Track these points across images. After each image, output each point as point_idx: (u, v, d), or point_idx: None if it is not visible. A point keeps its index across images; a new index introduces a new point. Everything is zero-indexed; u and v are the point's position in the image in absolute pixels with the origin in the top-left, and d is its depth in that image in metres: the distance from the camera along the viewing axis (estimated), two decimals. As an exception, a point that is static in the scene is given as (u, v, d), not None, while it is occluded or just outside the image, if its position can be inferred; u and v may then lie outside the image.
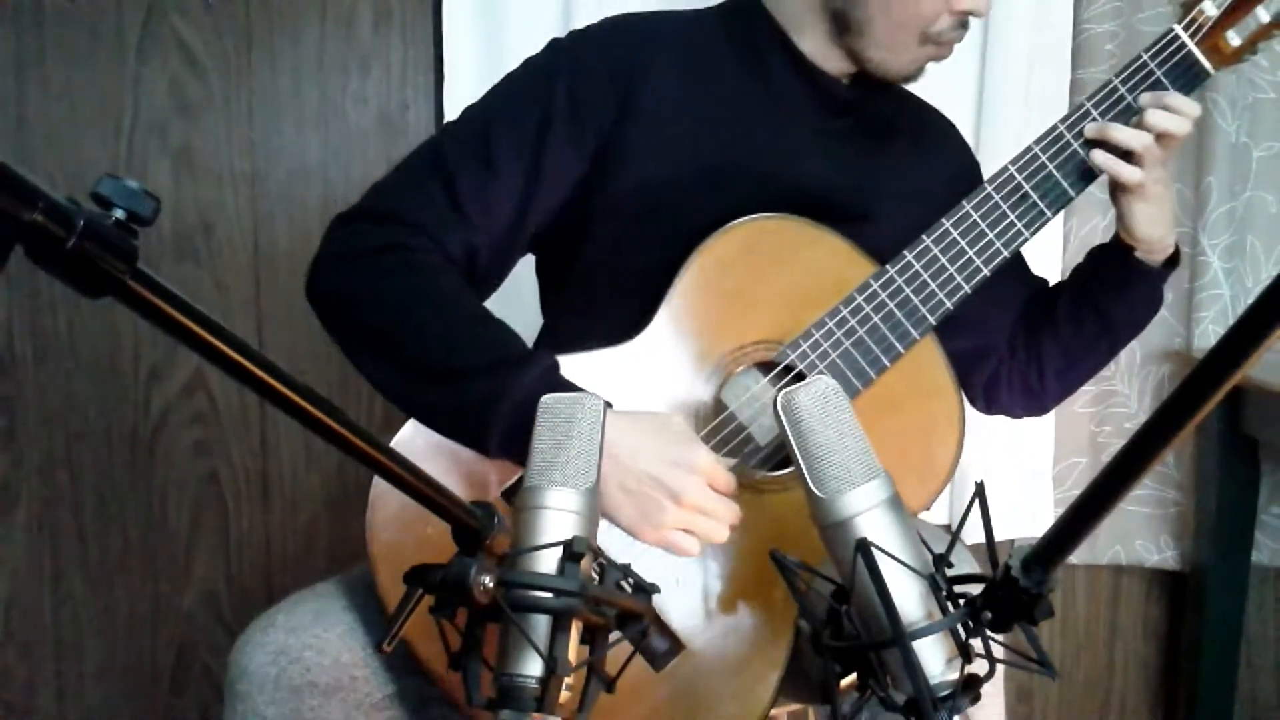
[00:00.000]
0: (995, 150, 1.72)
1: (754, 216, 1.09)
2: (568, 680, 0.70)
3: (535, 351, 1.03)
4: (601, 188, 1.11)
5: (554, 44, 1.14)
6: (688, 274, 1.08)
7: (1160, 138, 1.08)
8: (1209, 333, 1.80)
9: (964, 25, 1.12)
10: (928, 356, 1.12)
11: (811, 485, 0.73)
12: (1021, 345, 1.28)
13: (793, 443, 0.74)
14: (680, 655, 1.05)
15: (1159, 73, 1.10)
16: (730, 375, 1.09)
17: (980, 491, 0.72)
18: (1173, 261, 1.22)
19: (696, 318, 1.08)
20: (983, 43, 1.77)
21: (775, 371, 1.10)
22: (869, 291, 1.09)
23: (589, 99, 1.09)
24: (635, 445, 0.97)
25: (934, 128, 1.31)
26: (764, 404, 1.10)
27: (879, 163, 1.20)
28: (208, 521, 1.85)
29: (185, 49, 1.76)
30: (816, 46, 1.15)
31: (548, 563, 0.70)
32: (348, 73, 1.80)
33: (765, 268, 1.09)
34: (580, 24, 1.26)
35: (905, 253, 1.10)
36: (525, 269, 1.24)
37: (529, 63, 1.14)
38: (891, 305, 1.09)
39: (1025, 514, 1.83)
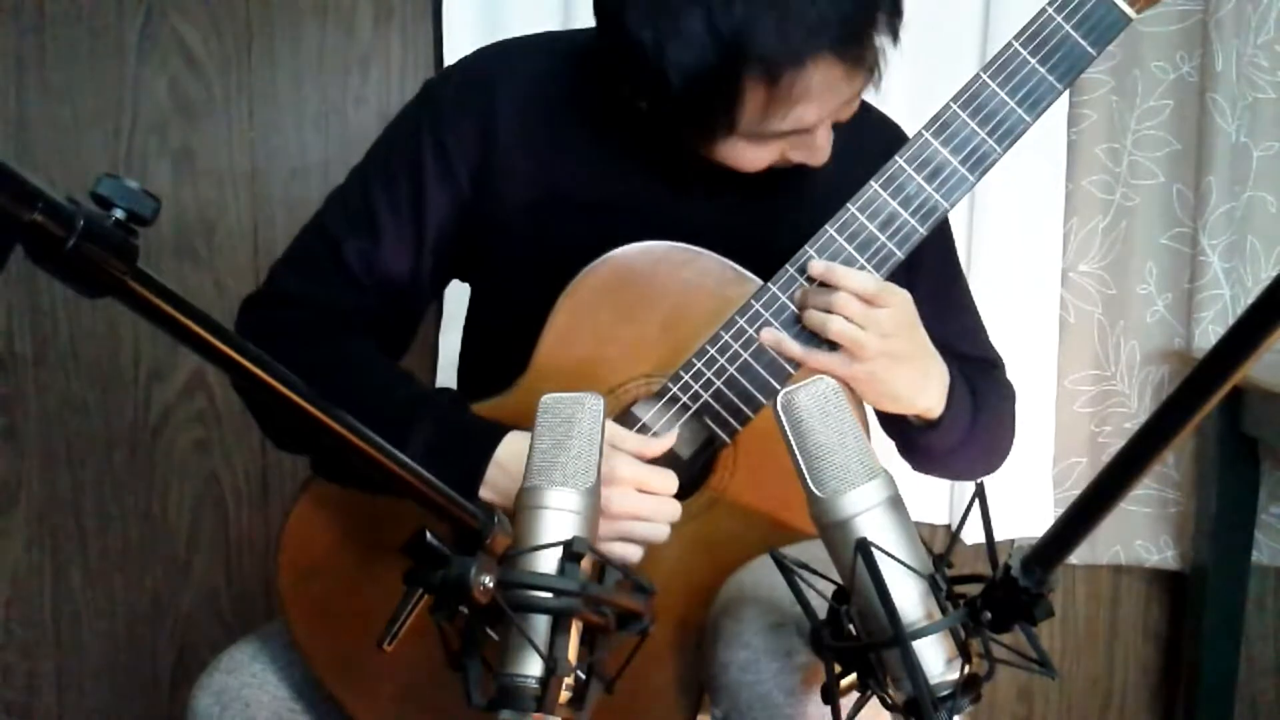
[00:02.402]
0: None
1: (627, 247, 1.04)
2: (567, 680, 0.70)
3: (430, 399, 1.02)
4: (479, 226, 1.10)
5: (424, 88, 1.15)
6: (556, 318, 1.04)
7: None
8: (1209, 333, 1.80)
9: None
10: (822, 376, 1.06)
11: (811, 485, 0.73)
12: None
13: (792, 443, 0.74)
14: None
15: (1067, 26, 0.95)
16: (624, 412, 1.05)
17: (980, 491, 0.72)
18: (947, 423, 1.07)
19: (570, 362, 1.04)
20: (982, 44, 1.77)
21: (662, 403, 1.04)
22: (751, 312, 1.01)
23: (452, 138, 1.08)
24: None
25: (875, 141, 1.17)
26: (669, 419, 1.05)
27: (772, 183, 1.10)
28: (208, 521, 1.85)
29: (185, 49, 1.76)
30: None
31: (548, 563, 0.70)
32: (348, 73, 1.80)
33: (639, 299, 1.04)
34: (580, 24, 1.26)
35: (787, 266, 1.01)
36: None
37: (401, 113, 1.15)
38: (775, 324, 1.01)
39: (1025, 514, 1.83)
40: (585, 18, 1.22)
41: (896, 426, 1.13)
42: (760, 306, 1.01)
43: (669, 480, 0.98)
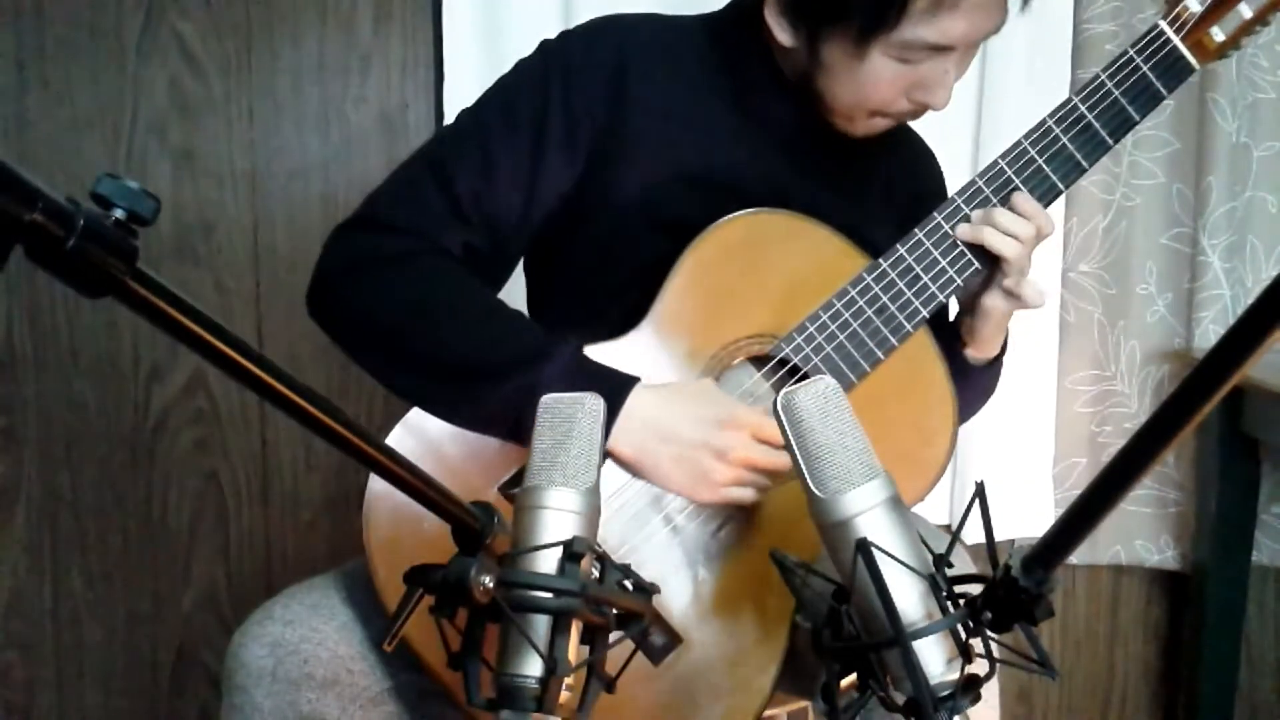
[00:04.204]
0: (995, 151, 1.71)
1: (746, 211, 1.09)
2: (568, 680, 0.70)
3: (558, 341, 1.04)
4: (593, 189, 1.11)
5: (544, 46, 1.15)
6: (680, 271, 1.08)
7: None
8: (1209, 333, 1.80)
9: (921, 108, 1.12)
10: (921, 350, 1.12)
11: (811, 485, 0.73)
12: None
13: (793, 443, 0.73)
14: (679, 648, 1.05)
15: (1145, 68, 1.10)
16: (724, 371, 1.09)
17: (980, 491, 0.72)
18: (994, 364, 1.23)
19: (689, 314, 1.08)
20: (982, 49, 1.77)
21: (770, 365, 1.10)
22: (862, 284, 1.09)
23: (581, 101, 1.10)
24: (676, 415, 1.01)
25: (912, 150, 1.31)
26: (758, 397, 1.11)
27: (861, 184, 1.21)
28: (208, 521, 1.86)
29: (185, 49, 1.76)
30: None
31: (548, 563, 0.70)
32: (348, 73, 1.80)
33: (758, 262, 1.10)
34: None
35: (898, 246, 1.10)
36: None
37: (520, 66, 1.15)
38: (885, 298, 1.09)
39: (1025, 514, 1.83)
40: (585, 18, 1.22)
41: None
42: (871, 280, 1.10)
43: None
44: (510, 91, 1.13)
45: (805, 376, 1.08)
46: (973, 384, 1.22)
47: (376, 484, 1.03)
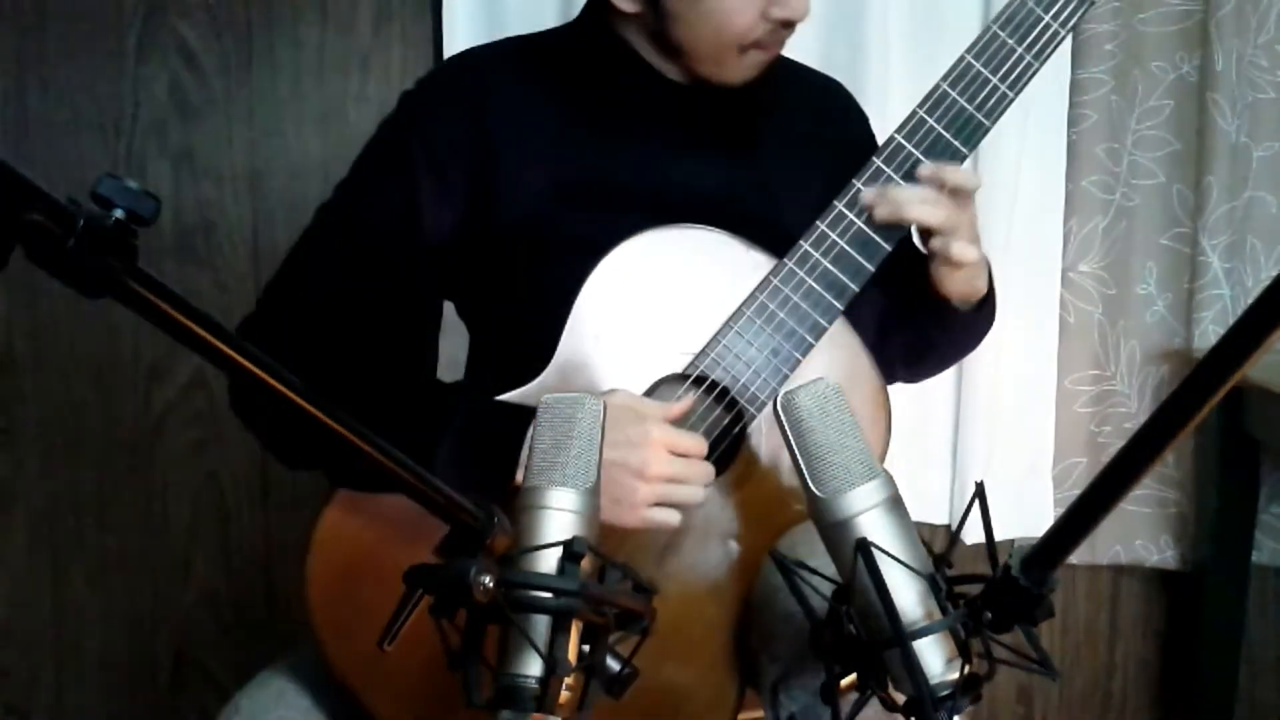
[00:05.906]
0: (994, 154, 1.72)
1: (643, 233, 1.06)
2: (568, 680, 0.70)
3: (466, 393, 1.04)
4: (482, 226, 1.10)
5: (403, 98, 1.15)
6: (584, 300, 1.05)
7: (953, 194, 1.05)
8: (1209, 333, 1.80)
9: (786, 25, 1.08)
10: (842, 344, 1.08)
11: (811, 485, 0.73)
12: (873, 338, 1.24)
13: (793, 443, 0.73)
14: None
15: (1039, 10, 1.05)
16: (651, 392, 1.07)
17: (980, 491, 0.72)
18: (987, 300, 1.17)
19: (594, 351, 1.05)
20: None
21: (688, 383, 1.06)
22: (770, 288, 1.05)
23: (444, 146, 1.09)
24: None
25: (831, 103, 1.27)
26: (698, 397, 1.08)
27: (770, 159, 1.17)
28: (208, 521, 1.86)
29: (185, 49, 1.76)
30: (662, 64, 1.13)
31: (548, 563, 0.70)
32: (348, 73, 1.80)
33: (663, 280, 1.06)
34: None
35: (801, 242, 1.06)
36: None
37: (383, 123, 1.15)
38: (795, 298, 1.05)
39: (1025, 514, 1.83)
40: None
41: (935, 325, 1.17)
42: (778, 281, 1.06)
43: (699, 443, 1.01)
44: (378, 150, 1.14)
45: (725, 390, 1.06)
46: (966, 328, 1.19)
47: (314, 559, 1.03)
